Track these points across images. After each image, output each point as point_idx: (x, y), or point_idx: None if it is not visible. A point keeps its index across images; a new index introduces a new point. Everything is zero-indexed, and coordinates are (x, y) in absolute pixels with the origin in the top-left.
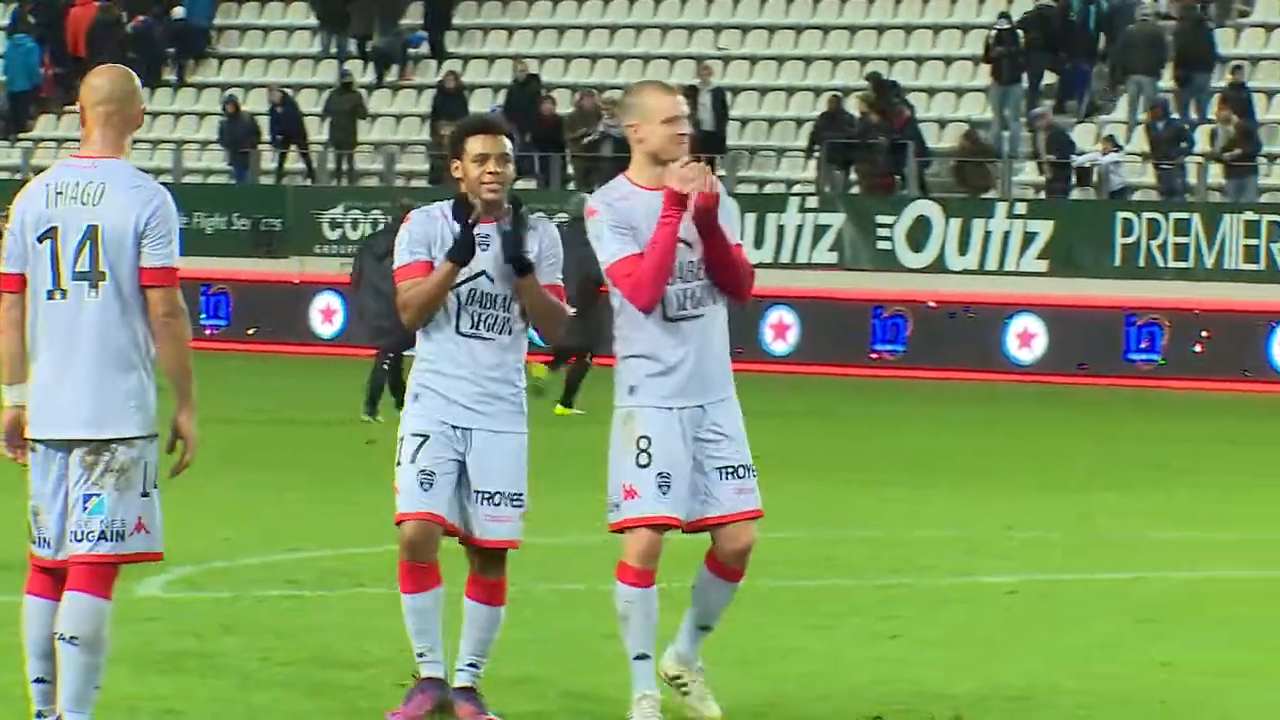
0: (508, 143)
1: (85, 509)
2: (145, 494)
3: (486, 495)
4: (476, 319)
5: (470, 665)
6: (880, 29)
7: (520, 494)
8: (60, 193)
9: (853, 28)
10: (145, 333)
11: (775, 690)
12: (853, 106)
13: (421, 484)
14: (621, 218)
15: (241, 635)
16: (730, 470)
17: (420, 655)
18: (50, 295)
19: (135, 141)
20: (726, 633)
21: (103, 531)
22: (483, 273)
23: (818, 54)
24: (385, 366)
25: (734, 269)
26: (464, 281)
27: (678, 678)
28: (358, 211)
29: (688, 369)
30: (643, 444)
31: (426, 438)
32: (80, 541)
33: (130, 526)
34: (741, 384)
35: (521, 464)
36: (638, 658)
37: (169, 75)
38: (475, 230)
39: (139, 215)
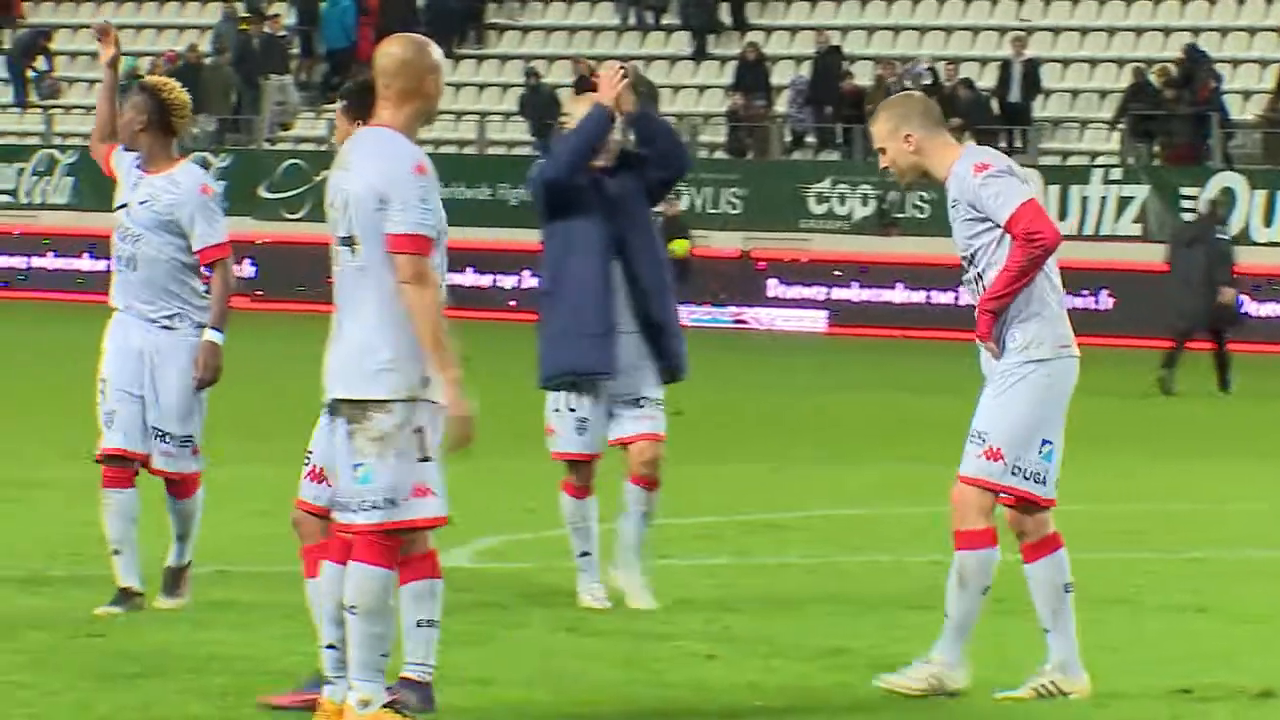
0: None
1: (354, 477)
2: (425, 459)
3: None
4: None
5: None
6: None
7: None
8: (338, 163)
9: None
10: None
11: (1087, 660)
12: (1156, 78)
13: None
14: None
15: (548, 607)
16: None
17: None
18: (335, 261)
19: (440, 113)
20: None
21: (374, 501)
22: None
23: (1122, 25)
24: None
25: None
26: None
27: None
28: None
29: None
30: None
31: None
32: (351, 511)
33: (404, 493)
34: None
35: None
36: None
37: (467, 48)
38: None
39: (379, 181)
